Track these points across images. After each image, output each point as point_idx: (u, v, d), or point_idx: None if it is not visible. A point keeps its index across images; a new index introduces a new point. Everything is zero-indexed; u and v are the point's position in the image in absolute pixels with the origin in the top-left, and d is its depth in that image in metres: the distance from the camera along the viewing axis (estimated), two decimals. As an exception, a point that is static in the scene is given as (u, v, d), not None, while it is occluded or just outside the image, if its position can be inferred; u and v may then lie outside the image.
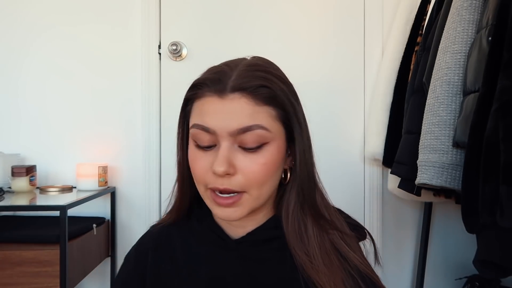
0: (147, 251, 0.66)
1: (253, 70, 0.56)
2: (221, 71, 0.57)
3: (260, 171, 0.55)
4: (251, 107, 0.54)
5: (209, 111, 0.55)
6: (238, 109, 0.54)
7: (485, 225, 0.75)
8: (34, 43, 1.65)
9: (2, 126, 1.65)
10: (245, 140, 0.54)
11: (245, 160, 0.55)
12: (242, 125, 0.54)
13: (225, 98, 0.54)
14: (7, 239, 1.24)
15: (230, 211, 0.56)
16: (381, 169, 1.60)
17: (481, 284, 1.30)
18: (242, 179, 0.55)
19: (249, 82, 0.55)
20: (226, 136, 0.54)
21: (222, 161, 0.54)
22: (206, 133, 0.55)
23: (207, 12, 1.64)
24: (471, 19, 0.93)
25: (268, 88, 0.55)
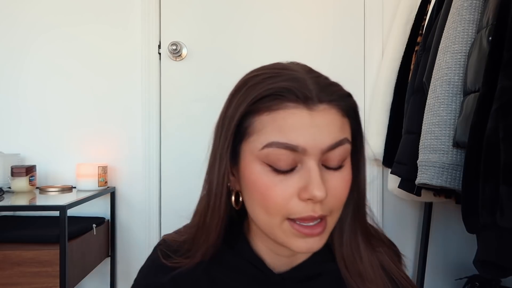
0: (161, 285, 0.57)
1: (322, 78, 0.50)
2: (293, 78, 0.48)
3: (346, 190, 0.49)
4: (340, 119, 0.48)
5: (295, 126, 0.46)
6: (330, 122, 0.47)
7: (485, 225, 0.75)
8: (34, 43, 1.65)
9: (2, 126, 1.65)
10: (332, 157, 0.47)
11: (333, 179, 0.48)
12: (335, 140, 0.47)
13: (315, 110, 0.46)
14: (7, 239, 1.24)
15: (315, 241, 0.48)
16: (381, 169, 1.60)
17: (481, 284, 1.30)
18: (331, 202, 0.48)
19: (335, 90, 0.48)
20: (317, 155, 0.46)
21: (320, 184, 0.45)
22: (290, 153, 0.46)
23: (207, 12, 1.64)
24: (471, 19, 0.93)
25: (351, 97, 0.50)
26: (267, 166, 0.47)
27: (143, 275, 0.60)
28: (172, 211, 1.63)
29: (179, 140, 1.64)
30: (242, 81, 0.54)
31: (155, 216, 1.63)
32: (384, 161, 1.40)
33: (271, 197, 0.47)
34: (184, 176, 1.62)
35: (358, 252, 0.54)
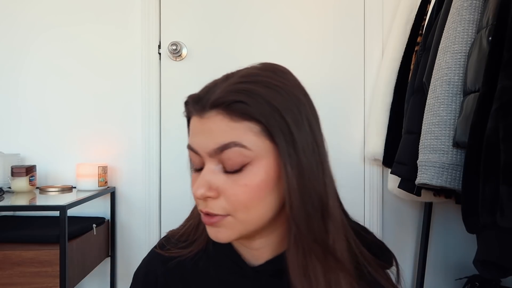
0: (156, 272, 0.63)
1: (238, 83, 0.51)
2: (207, 87, 0.53)
3: (243, 193, 0.50)
4: (227, 124, 0.49)
5: (193, 131, 0.53)
6: (214, 127, 0.50)
7: (485, 225, 0.75)
8: (34, 43, 1.65)
9: (2, 126, 1.65)
10: (224, 160, 0.50)
11: (227, 182, 0.50)
12: (219, 144, 0.49)
13: (204, 117, 0.51)
14: (7, 239, 1.24)
15: (214, 231, 0.53)
16: (381, 169, 1.60)
17: (481, 284, 1.30)
18: (224, 203, 0.51)
19: (225, 97, 0.49)
20: (207, 157, 0.51)
21: (200, 184, 0.50)
22: (194, 155, 0.53)
23: (207, 12, 1.64)
24: (471, 19, 0.93)
25: (243, 103, 0.49)
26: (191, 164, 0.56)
27: (143, 264, 0.65)
28: (172, 211, 1.63)
29: (179, 140, 1.64)
30: None
31: (155, 216, 1.63)
32: (384, 161, 1.40)
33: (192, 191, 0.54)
34: (184, 176, 1.62)
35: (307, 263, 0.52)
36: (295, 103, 0.52)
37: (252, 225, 0.52)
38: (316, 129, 0.55)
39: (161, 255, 0.63)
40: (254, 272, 0.58)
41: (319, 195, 0.51)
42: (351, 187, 1.62)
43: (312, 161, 0.52)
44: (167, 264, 0.62)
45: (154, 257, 0.64)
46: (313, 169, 0.52)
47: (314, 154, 0.53)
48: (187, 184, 1.80)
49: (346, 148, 1.62)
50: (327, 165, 0.55)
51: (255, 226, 0.53)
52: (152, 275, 0.63)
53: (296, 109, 0.52)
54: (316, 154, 0.53)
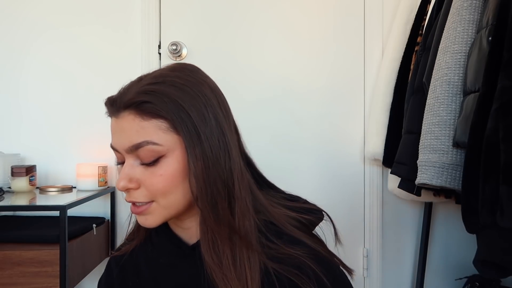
0: (112, 273, 0.70)
1: (148, 84, 0.57)
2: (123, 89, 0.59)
3: (159, 182, 0.56)
4: (138, 123, 0.56)
5: (111, 131, 0.60)
6: (127, 126, 0.56)
7: (485, 225, 0.75)
8: (34, 43, 1.65)
9: (2, 126, 1.65)
10: (141, 156, 0.56)
11: (144, 174, 0.57)
12: (132, 143, 0.56)
13: (118, 117, 0.58)
14: (7, 239, 1.24)
15: (143, 218, 0.59)
16: (381, 169, 1.60)
17: (481, 284, 1.30)
18: (145, 191, 0.57)
19: (135, 98, 0.55)
20: (125, 154, 0.58)
21: (122, 177, 0.57)
22: (115, 151, 0.60)
23: (207, 12, 1.64)
24: (471, 19, 0.93)
25: (150, 103, 0.55)
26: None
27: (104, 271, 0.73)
28: (172, 211, 1.63)
29: (179, 140, 1.63)
30: None
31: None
32: (384, 161, 1.40)
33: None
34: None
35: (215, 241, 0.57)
36: (200, 99, 0.57)
37: (174, 209, 0.59)
38: (223, 121, 0.59)
39: (115, 257, 0.70)
40: (190, 250, 0.63)
41: (224, 182, 0.57)
42: (351, 187, 1.62)
43: (217, 151, 0.57)
44: (120, 262, 0.69)
45: (110, 261, 0.72)
46: (219, 158, 0.57)
47: (220, 144, 0.57)
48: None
49: (346, 148, 1.62)
50: (235, 152, 0.59)
51: (177, 209, 0.59)
52: (110, 278, 0.70)
53: (201, 105, 0.57)
54: (222, 143, 0.58)
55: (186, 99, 0.56)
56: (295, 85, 1.61)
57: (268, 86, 1.62)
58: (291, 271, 0.56)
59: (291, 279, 0.56)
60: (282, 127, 1.63)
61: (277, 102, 1.62)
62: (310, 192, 1.57)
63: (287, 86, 1.61)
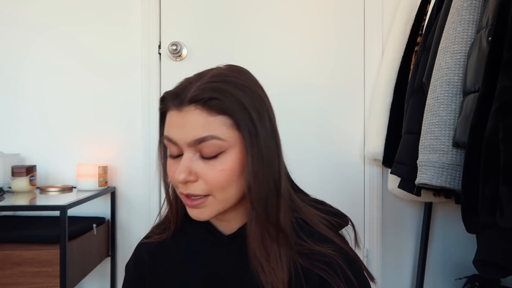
0: (143, 259, 0.71)
1: (211, 82, 0.59)
2: (183, 85, 0.61)
3: (219, 177, 0.58)
4: (204, 118, 0.57)
5: (171, 124, 0.60)
6: (192, 121, 0.58)
7: (485, 225, 0.75)
8: (34, 43, 1.65)
9: (2, 126, 1.65)
10: (203, 150, 0.58)
11: (204, 167, 0.58)
12: (197, 136, 0.57)
13: (182, 111, 0.58)
14: (7, 239, 1.24)
15: (197, 212, 0.60)
16: (381, 169, 1.60)
17: (481, 284, 1.30)
18: (203, 185, 0.59)
19: (202, 94, 0.57)
20: (186, 147, 0.58)
21: (181, 170, 0.58)
22: (172, 144, 0.60)
23: (207, 12, 1.64)
24: (471, 19, 0.93)
25: (218, 100, 0.57)
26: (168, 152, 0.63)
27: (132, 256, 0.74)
28: (172, 211, 1.63)
29: (179, 140, 1.64)
30: None
31: (155, 216, 1.62)
32: (384, 161, 1.40)
33: (169, 175, 0.63)
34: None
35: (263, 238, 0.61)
36: (258, 100, 0.61)
37: (228, 203, 0.61)
38: (274, 123, 0.65)
39: (146, 244, 0.71)
40: (228, 239, 0.66)
41: (274, 180, 0.61)
42: (351, 187, 1.62)
43: (271, 151, 0.61)
44: (150, 249, 0.70)
45: (140, 247, 0.73)
46: (271, 157, 0.61)
47: (272, 144, 0.62)
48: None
49: (346, 148, 1.62)
50: (281, 154, 0.64)
51: (231, 203, 0.62)
52: (140, 264, 0.70)
53: (259, 106, 0.61)
54: (275, 144, 0.62)
55: (247, 99, 0.59)
56: (295, 84, 1.61)
57: (268, 86, 1.60)
58: (320, 267, 0.60)
59: (320, 275, 0.59)
60: (282, 126, 1.62)
61: (277, 102, 1.61)
62: (310, 192, 1.56)
63: (287, 86, 1.61)
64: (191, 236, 0.68)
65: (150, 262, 0.70)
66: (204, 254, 0.66)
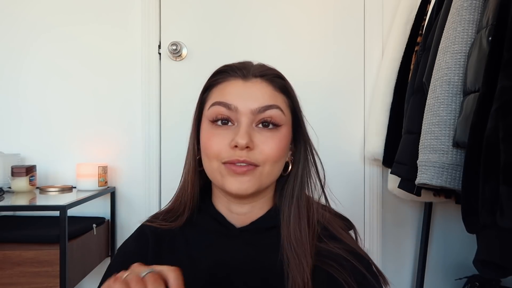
0: (147, 239, 0.68)
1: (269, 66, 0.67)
2: (242, 63, 0.67)
3: (274, 148, 0.61)
4: (271, 91, 0.63)
5: (232, 92, 0.62)
6: (260, 90, 0.62)
7: (485, 225, 0.75)
8: (34, 43, 1.64)
9: (2, 126, 1.65)
10: (265, 119, 0.62)
11: (261, 137, 0.61)
12: (264, 104, 0.61)
13: (248, 81, 0.63)
14: (7, 239, 1.24)
15: (243, 180, 0.61)
16: (381, 169, 1.60)
17: (481, 284, 1.30)
18: (258, 154, 0.61)
19: (268, 71, 0.65)
20: (248, 114, 0.61)
21: (244, 134, 0.59)
22: (227, 110, 0.61)
23: (207, 12, 1.64)
24: (471, 19, 0.93)
25: (283, 80, 0.65)
26: (210, 122, 0.63)
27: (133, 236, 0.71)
28: (172, 211, 1.63)
29: (179, 140, 1.63)
30: None
31: (155, 216, 1.63)
32: (384, 161, 1.40)
33: (211, 144, 0.62)
34: (184, 176, 1.62)
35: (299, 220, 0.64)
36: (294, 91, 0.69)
37: (270, 179, 0.64)
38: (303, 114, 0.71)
39: (151, 227, 0.69)
40: (240, 231, 0.66)
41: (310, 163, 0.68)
42: (351, 187, 1.62)
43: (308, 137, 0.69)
44: (157, 233, 0.68)
45: (144, 228, 0.70)
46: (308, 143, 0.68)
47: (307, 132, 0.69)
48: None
49: (346, 148, 1.62)
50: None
51: (270, 182, 0.65)
52: (144, 244, 0.67)
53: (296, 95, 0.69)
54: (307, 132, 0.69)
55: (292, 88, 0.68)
56: (295, 85, 1.61)
57: (268, 86, 1.61)
58: (327, 262, 0.61)
59: (328, 272, 0.60)
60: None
61: (277, 102, 1.62)
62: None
63: (287, 86, 1.61)
64: (201, 227, 0.68)
65: (155, 246, 0.67)
66: (213, 245, 0.66)
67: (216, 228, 0.67)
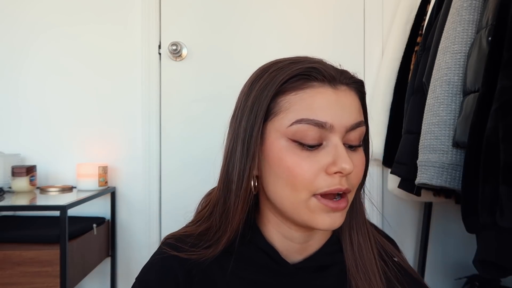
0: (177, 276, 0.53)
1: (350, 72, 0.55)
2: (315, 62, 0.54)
3: (363, 168, 0.52)
4: (358, 103, 0.52)
5: (323, 104, 0.48)
6: (352, 103, 0.50)
7: (485, 225, 0.75)
8: (34, 43, 1.65)
9: (2, 126, 1.65)
10: (352, 137, 0.50)
11: (353, 157, 0.50)
12: (356, 120, 0.50)
13: (339, 89, 0.50)
14: (7, 239, 1.24)
15: (337, 216, 0.50)
16: (381, 169, 1.60)
17: (481, 284, 1.30)
18: (353, 178, 0.50)
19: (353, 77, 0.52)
20: (342, 132, 0.49)
21: (348, 158, 0.47)
22: (318, 129, 0.48)
23: (207, 12, 1.64)
24: (471, 19, 0.93)
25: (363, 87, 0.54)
26: (293, 142, 0.49)
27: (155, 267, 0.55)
28: (172, 211, 1.63)
29: (179, 140, 1.64)
30: (261, 69, 0.56)
31: (155, 216, 1.63)
32: (384, 161, 1.40)
33: (299, 172, 0.48)
34: (184, 175, 1.62)
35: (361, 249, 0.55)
36: None
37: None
38: None
39: (178, 258, 0.54)
40: (294, 269, 0.54)
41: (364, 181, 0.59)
42: (351, 187, 1.62)
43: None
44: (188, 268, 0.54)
45: (170, 260, 0.54)
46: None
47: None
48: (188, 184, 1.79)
49: (346, 148, 1.62)
50: None
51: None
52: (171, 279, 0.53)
53: None
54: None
55: None
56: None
57: (268, 86, 1.61)
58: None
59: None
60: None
61: (277, 102, 1.62)
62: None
63: (287, 86, 1.61)
64: (242, 261, 0.54)
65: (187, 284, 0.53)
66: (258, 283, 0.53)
67: (265, 262, 0.54)
